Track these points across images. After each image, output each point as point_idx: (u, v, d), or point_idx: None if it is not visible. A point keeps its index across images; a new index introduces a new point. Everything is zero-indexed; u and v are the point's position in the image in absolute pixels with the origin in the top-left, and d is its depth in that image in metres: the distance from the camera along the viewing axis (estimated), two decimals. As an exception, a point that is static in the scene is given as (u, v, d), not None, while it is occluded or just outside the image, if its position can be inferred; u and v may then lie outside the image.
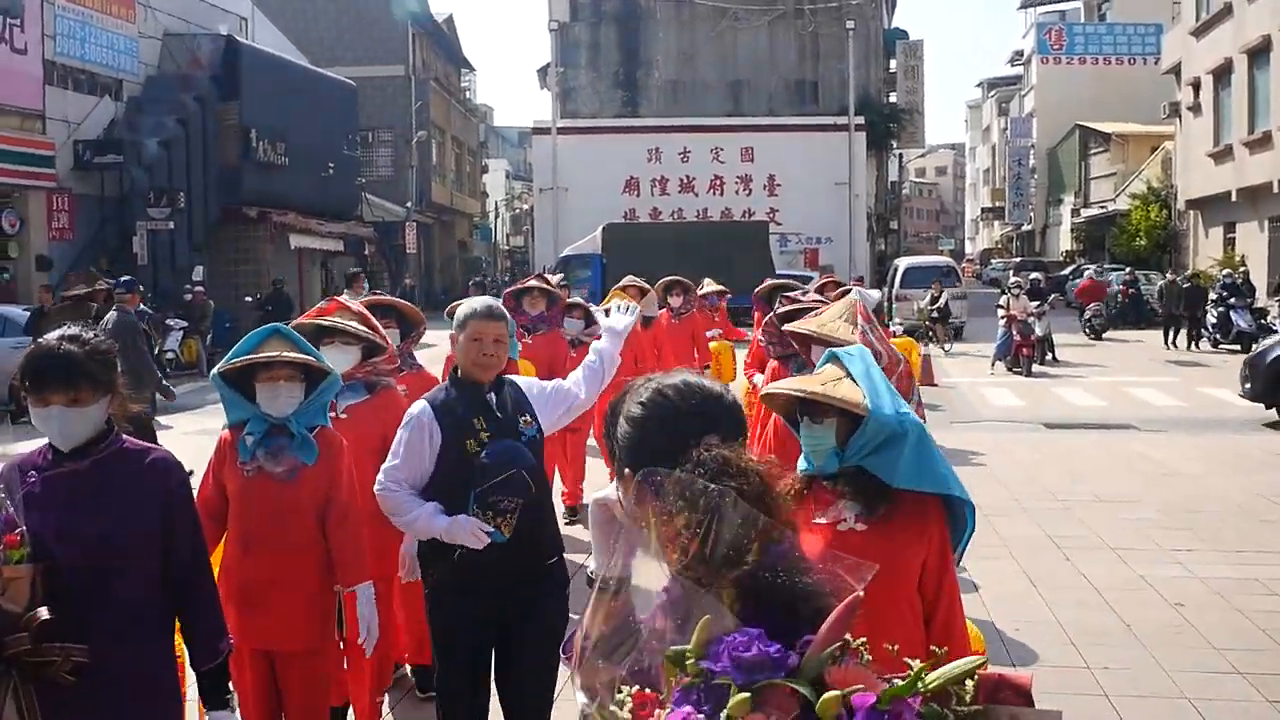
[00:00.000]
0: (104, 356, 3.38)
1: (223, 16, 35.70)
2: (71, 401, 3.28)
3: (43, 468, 3.37)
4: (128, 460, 3.42)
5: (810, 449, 3.29)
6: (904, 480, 3.18)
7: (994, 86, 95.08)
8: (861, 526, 3.22)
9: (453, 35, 60.95)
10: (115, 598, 3.32)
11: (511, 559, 4.34)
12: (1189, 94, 39.80)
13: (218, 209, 31.90)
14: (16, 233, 26.47)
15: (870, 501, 3.21)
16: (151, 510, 3.41)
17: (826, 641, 1.76)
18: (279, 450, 4.48)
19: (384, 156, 50.12)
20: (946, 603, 3.28)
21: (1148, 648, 6.82)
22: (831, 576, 1.89)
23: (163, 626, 3.51)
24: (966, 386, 20.60)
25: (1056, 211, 68.14)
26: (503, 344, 4.57)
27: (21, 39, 26.20)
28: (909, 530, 3.22)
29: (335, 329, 5.41)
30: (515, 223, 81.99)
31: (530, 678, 4.48)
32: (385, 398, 5.54)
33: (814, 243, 42.01)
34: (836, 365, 3.36)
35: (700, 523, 1.85)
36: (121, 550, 3.34)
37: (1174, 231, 44.36)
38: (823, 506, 3.27)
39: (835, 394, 3.20)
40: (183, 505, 3.51)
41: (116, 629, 3.30)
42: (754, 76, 46.51)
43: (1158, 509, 10.60)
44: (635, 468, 2.10)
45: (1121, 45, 66.53)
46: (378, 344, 5.52)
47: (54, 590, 3.20)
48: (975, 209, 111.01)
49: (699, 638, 1.78)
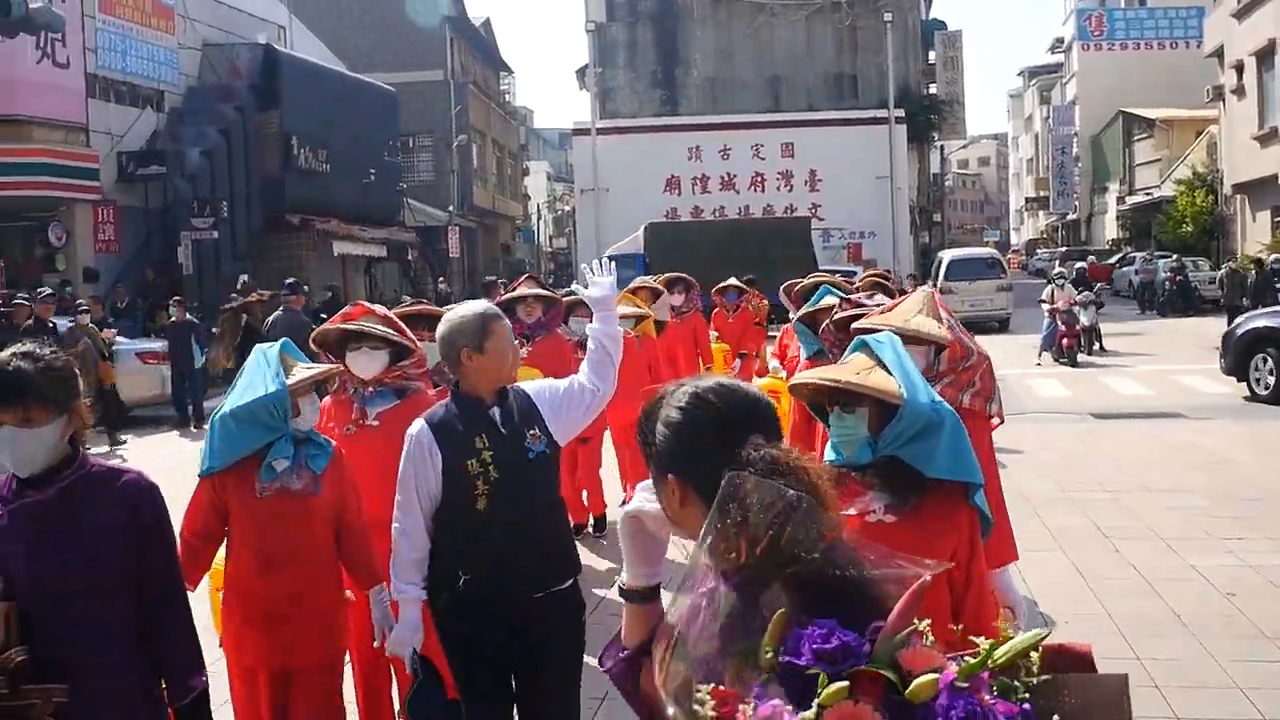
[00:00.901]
0: (58, 373, 3.15)
1: (261, 26, 36.00)
2: (23, 421, 3.07)
3: (6, 499, 3.18)
4: (95, 487, 3.21)
5: (841, 439, 3.24)
6: (941, 470, 3.14)
7: (1035, 74, 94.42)
8: (891, 518, 3.17)
9: (490, 38, 61.09)
10: (89, 635, 3.15)
11: (520, 585, 4.18)
12: (1232, 77, 39.34)
13: (261, 217, 32.16)
14: (63, 245, 26.81)
15: (903, 492, 3.16)
16: (124, 540, 3.21)
17: (897, 627, 1.79)
18: (299, 465, 4.44)
19: (425, 161, 50.34)
20: (976, 590, 3.23)
21: (1198, 637, 6.72)
22: (889, 564, 1.90)
23: (141, 661, 3.31)
24: (1014, 378, 20.45)
25: (1101, 199, 67.56)
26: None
27: (64, 53, 26.51)
28: (939, 520, 3.17)
29: (362, 333, 5.33)
30: (558, 224, 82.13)
31: (552, 701, 4.34)
32: (416, 402, 5.29)
33: (857, 237, 41.85)
34: (867, 354, 3.31)
35: (773, 523, 1.85)
36: (93, 586, 3.16)
37: (1221, 217, 43.87)
38: (851, 498, 3.18)
39: (870, 383, 3.16)
40: (156, 531, 3.30)
41: (91, 666, 3.14)
42: (792, 72, 46.39)
43: (1208, 497, 10.47)
44: (677, 472, 2.09)
45: (1163, 29, 65.98)
46: (406, 347, 5.42)
47: (25, 629, 3.05)
48: (1019, 199, 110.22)
49: (774, 632, 1.79)
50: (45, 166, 26.02)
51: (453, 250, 45.29)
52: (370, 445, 5.12)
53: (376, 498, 4.85)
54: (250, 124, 31.79)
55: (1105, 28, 67.99)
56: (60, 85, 26.57)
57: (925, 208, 53.29)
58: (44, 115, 26.22)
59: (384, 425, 5.16)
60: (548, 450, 4.28)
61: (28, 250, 28.02)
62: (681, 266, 19.52)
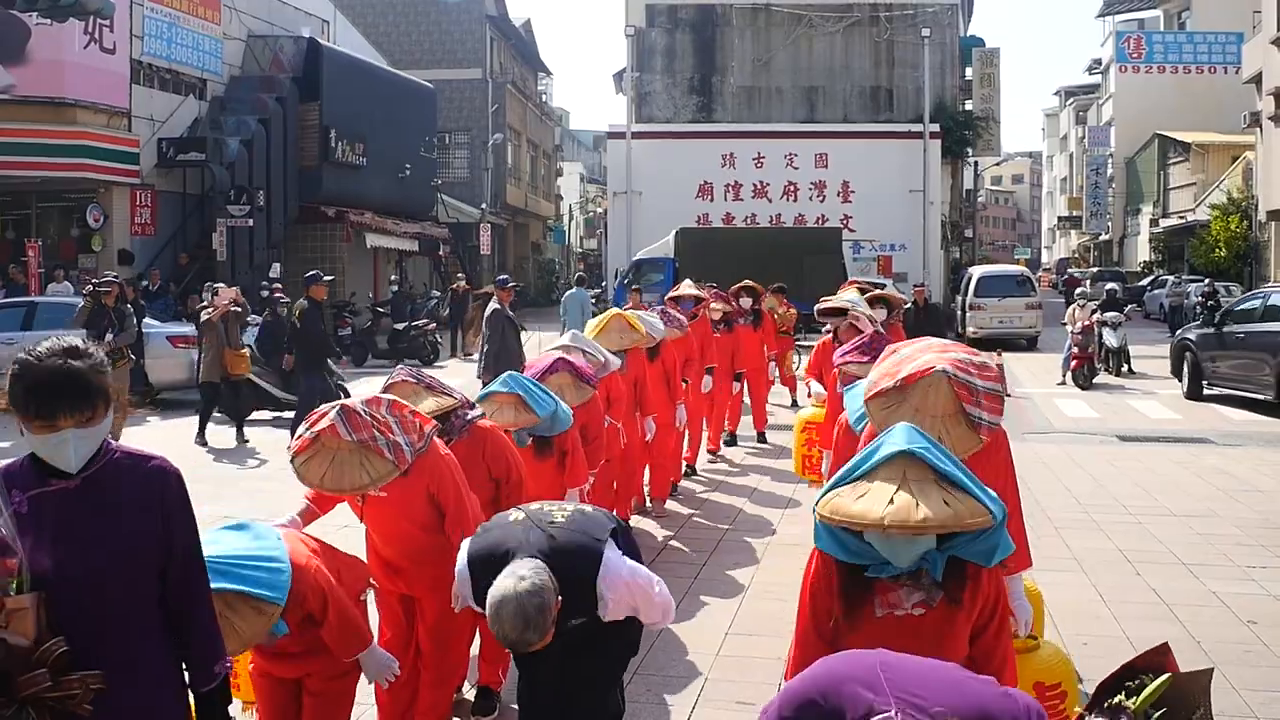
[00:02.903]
0: (104, 368, 3.16)
1: (305, 19, 36.25)
2: (86, 421, 3.07)
3: (28, 485, 3.11)
4: (121, 473, 3.18)
5: (892, 556, 3.07)
6: (997, 559, 3.12)
7: (1071, 95, 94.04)
8: (920, 610, 3.11)
9: (530, 39, 61.30)
10: (115, 625, 3.13)
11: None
12: (1270, 104, 39.06)
13: (296, 207, 32.43)
14: (100, 227, 27.11)
15: (953, 590, 3.10)
16: (150, 526, 3.18)
17: None
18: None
19: (460, 158, 50.57)
20: (1001, 654, 3.25)
21: (1217, 665, 6.69)
22: None
23: (167, 649, 3.29)
24: (1040, 397, 20.44)
25: (1134, 221, 67.25)
26: None
27: (110, 39, 26.81)
28: (966, 597, 3.14)
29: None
30: (589, 225, 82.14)
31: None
32: (419, 465, 5.06)
33: (888, 250, 41.73)
34: (914, 464, 3.07)
35: None
36: (120, 571, 3.13)
37: (1254, 243, 43.64)
38: (883, 596, 3.12)
39: (967, 522, 2.98)
40: (180, 515, 3.26)
41: (118, 657, 3.10)
42: (829, 83, 46.31)
43: (1233, 524, 10.48)
44: None
45: (1201, 54, 65.60)
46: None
47: (52, 620, 3.02)
48: (1052, 218, 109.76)
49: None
50: (87, 149, 26.33)
51: (484, 248, 45.47)
52: (383, 511, 5.23)
53: (392, 548, 5.34)
54: (290, 115, 32.04)
55: (1144, 50, 67.67)
56: (105, 70, 26.88)
57: (957, 223, 53.06)
58: (88, 99, 26.51)
59: (392, 493, 5.07)
60: None
61: (64, 230, 28.37)
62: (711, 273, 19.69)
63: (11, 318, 19.23)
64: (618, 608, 3.96)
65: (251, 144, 30.08)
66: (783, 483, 12.37)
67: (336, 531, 6.76)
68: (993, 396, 4.07)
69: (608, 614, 3.94)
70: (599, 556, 3.93)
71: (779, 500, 11.63)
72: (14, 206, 28.25)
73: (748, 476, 13.02)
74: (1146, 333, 31.58)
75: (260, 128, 30.63)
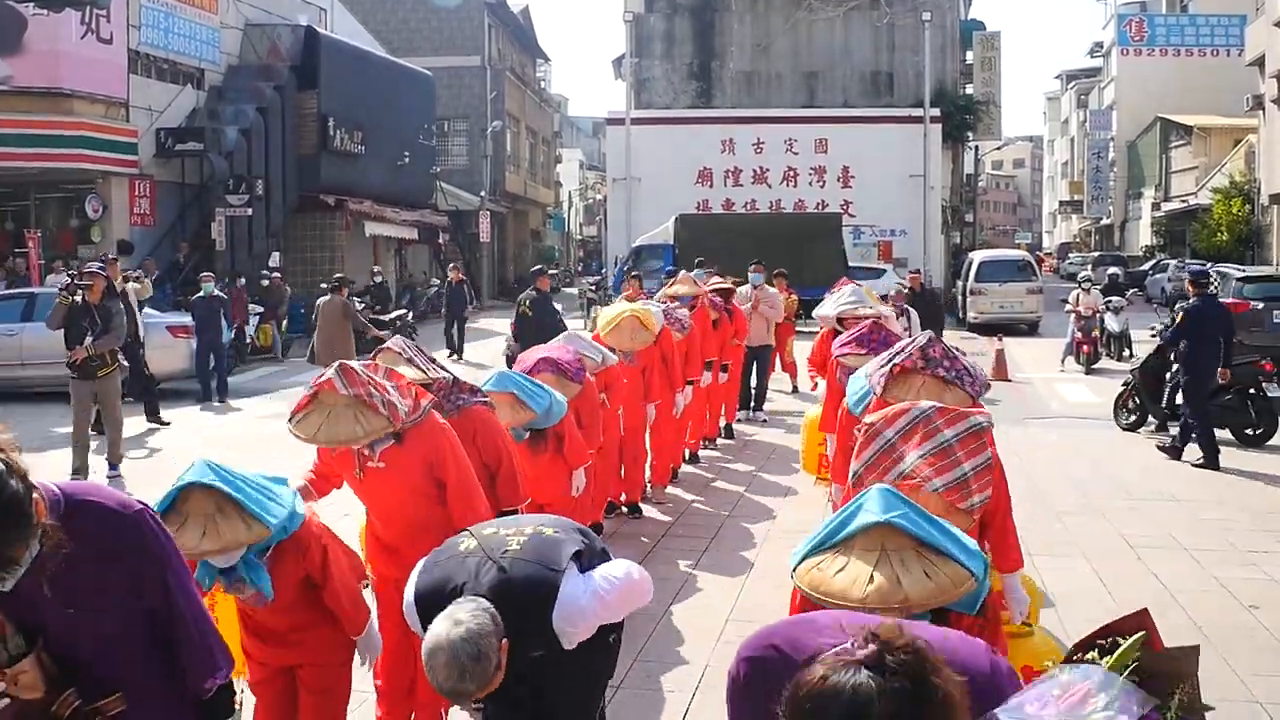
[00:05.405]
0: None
1: (303, 7, 36.23)
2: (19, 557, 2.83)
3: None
4: (75, 531, 2.92)
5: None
6: (978, 607, 3.17)
7: (1073, 78, 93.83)
8: None
9: (528, 26, 61.18)
10: (107, 658, 3.11)
11: None
12: (1273, 86, 39.01)
13: (295, 196, 32.40)
14: (99, 218, 27.08)
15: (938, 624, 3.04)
16: (119, 572, 3.05)
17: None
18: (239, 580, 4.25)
19: (459, 145, 50.48)
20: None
21: (1218, 649, 6.69)
22: None
23: (164, 674, 3.24)
24: (1041, 382, 20.41)
25: (1136, 205, 67.16)
26: None
27: (107, 29, 26.73)
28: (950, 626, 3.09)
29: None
30: (588, 212, 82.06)
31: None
32: (417, 435, 5.15)
33: (888, 235, 41.65)
34: (893, 534, 3.02)
35: None
36: (97, 628, 3.07)
37: (1257, 226, 43.59)
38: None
39: (950, 594, 2.96)
40: (147, 551, 3.09)
41: (122, 680, 3.14)
42: (828, 68, 46.18)
43: (1235, 510, 10.47)
44: None
45: (1204, 36, 65.48)
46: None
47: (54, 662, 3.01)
48: (1053, 202, 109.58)
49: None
50: (85, 140, 26.26)
51: (483, 235, 45.46)
52: (381, 484, 5.22)
53: (392, 528, 5.34)
54: (288, 104, 32.02)
55: (1146, 33, 67.54)
56: (103, 60, 26.80)
57: (958, 208, 52.89)
58: (85, 89, 26.43)
59: (390, 464, 5.11)
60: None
61: (63, 221, 28.34)
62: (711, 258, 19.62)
63: (11, 309, 19.19)
64: (581, 635, 3.74)
65: (250, 133, 30.06)
66: (784, 470, 12.36)
67: (337, 522, 6.73)
68: (975, 458, 4.15)
69: (570, 644, 3.72)
70: (554, 590, 3.66)
71: (780, 488, 11.62)
72: (13, 198, 28.20)
73: (749, 464, 13.01)
74: (1148, 317, 31.50)
75: (258, 117, 30.60)
